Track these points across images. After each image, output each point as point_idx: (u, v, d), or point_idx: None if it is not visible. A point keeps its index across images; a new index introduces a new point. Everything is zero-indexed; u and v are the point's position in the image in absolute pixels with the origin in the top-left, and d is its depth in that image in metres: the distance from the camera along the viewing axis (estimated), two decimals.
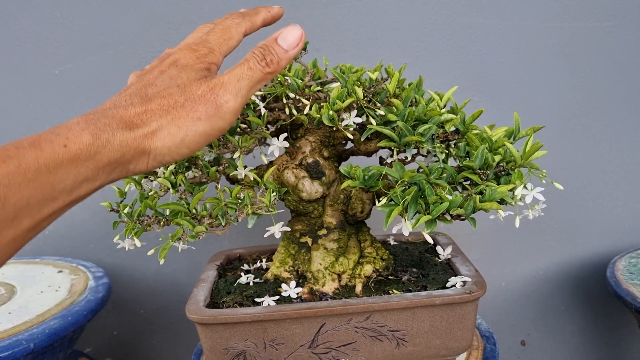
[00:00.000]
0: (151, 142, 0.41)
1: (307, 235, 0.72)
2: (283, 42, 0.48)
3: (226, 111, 0.44)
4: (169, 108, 0.42)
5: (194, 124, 0.42)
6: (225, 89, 0.44)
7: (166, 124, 0.41)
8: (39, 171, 0.34)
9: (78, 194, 0.37)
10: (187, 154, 0.43)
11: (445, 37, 1.04)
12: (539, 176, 0.64)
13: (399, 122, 0.61)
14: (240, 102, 0.45)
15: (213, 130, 0.44)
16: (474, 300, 0.65)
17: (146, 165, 0.42)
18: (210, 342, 0.65)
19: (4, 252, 0.34)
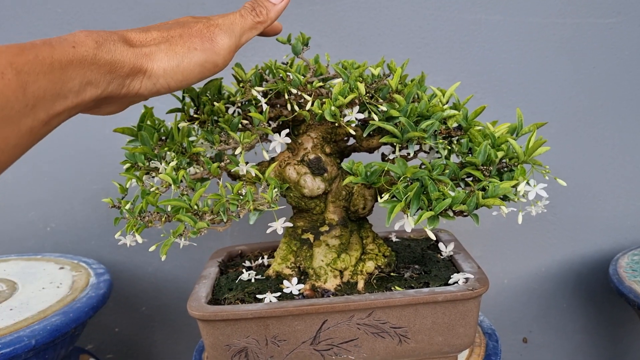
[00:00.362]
0: (148, 62, 0.44)
1: (309, 232, 0.72)
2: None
3: (221, 47, 0.48)
4: (167, 37, 0.46)
5: (189, 52, 0.46)
6: (220, 29, 0.49)
7: (163, 49, 0.45)
8: (53, 65, 0.37)
9: (83, 98, 0.40)
10: (181, 82, 0.47)
11: (448, 34, 1.04)
12: (542, 172, 0.63)
13: (401, 118, 0.61)
14: (233, 42, 0.49)
15: (207, 63, 0.48)
16: (476, 297, 0.65)
17: (140, 84, 0.45)
18: (211, 338, 0.64)
19: (22, 142, 0.36)
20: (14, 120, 0.35)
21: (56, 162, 1.06)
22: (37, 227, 1.09)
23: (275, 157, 0.72)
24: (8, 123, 0.34)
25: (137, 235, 0.62)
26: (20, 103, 0.35)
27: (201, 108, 0.68)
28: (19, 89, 0.35)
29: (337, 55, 1.01)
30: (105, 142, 1.04)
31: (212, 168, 0.62)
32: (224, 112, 0.66)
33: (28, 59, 0.36)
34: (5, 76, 0.34)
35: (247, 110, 0.67)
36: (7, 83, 0.34)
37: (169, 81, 0.46)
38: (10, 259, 1.03)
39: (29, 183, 1.07)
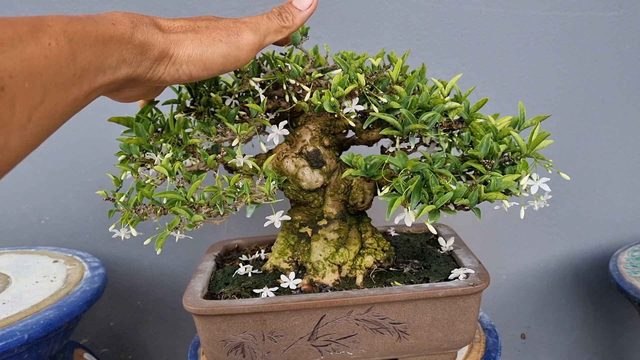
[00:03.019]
0: (175, 48, 0.46)
1: (306, 226, 0.71)
2: (298, 4, 0.56)
3: (245, 42, 0.50)
4: (194, 26, 0.48)
5: (214, 43, 0.48)
6: (247, 26, 0.51)
7: (190, 37, 0.47)
8: (97, 39, 0.38)
9: (118, 75, 0.42)
10: (203, 71, 0.48)
11: (448, 26, 1.03)
12: (545, 166, 0.62)
13: (402, 109, 0.60)
14: (257, 40, 0.51)
15: (230, 56, 0.49)
16: (477, 293, 0.64)
17: (164, 69, 0.46)
18: (207, 333, 0.63)
19: (67, 110, 0.37)
20: (64, 87, 0.36)
21: (50, 154, 1.05)
22: (30, 220, 1.08)
23: (272, 149, 0.70)
24: (60, 89, 0.35)
25: (131, 228, 0.61)
26: (70, 71, 0.36)
27: (197, 99, 0.66)
28: (70, 56, 0.36)
29: (336, 47, 1.00)
30: (100, 134, 1.03)
31: (209, 160, 0.61)
32: (221, 103, 0.64)
33: (77, 30, 0.37)
34: (60, 42, 0.35)
35: (244, 102, 0.66)
36: (60, 50, 0.35)
37: (192, 69, 0.48)
38: (3, 252, 1.01)
39: (23, 175, 1.06)
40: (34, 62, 0.33)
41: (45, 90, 0.34)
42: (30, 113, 0.33)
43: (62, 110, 0.36)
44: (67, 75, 0.36)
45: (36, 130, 0.34)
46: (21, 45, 0.33)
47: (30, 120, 0.33)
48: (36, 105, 0.34)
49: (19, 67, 0.32)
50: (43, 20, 0.35)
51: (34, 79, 0.33)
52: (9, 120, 0.32)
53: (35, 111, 0.34)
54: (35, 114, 0.34)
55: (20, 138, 0.33)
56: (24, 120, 0.33)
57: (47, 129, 0.36)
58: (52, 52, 0.34)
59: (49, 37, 0.34)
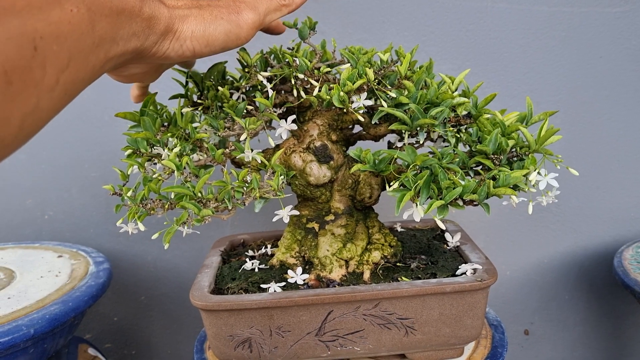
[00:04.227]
0: (179, 23, 0.47)
1: (314, 221, 0.71)
2: None
3: (245, 21, 0.51)
4: (197, 4, 0.49)
5: (216, 20, 0.49)
6: (245, 4, 0.51)
7: (194, 13, 0.48)
8: (111, 10, 0.39)
9: (128, 47, 0.42)
10: (205, 47, 0.49)
11: (453, 21, 1.02)
12: (554, 162, 0.62)
13: (411, 104, 0.60)
14: (257, 19, 0.52)
15: (231, 34, 0.50)
16: (485, 288, 0.63)
17: (169, 44, 0.47)
18: (214, 329, 0.63)
19: (86, 78, 0.38)
20: (85, 54, 0.37)
21: (54, 149, 1.04)
22: (34, 214, 1.07)
23: (280, 144, 0.70)
24: (81, 55, 0.36)
25: (139, 222, 0.61)
26: (90, 38, 0.37)
27: (205, 93, 0.66)
28: (90, 24, 0.36)
29: (341, 43, 0.99)
30: (104, 128, 1.03)
31: (217, 154, 0.61)
32: (229, 97, 0.64)
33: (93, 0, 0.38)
34: (80, 10, 0.36)
35: (251, 96, 0.66)
36: (81, 17, 0.36)
37: (195, 45, 0.48)
38: (7, 247, 1.01)
39: (26, 170, 1.05)
40: (60, 26, 0.34)
41: (70, 54, 0.35)
42: (58, 75, 0.34)
43: (82, 77, 0.37)
44: (87, 42, 0.36)
45: (61, 94, 0.35)
46: (48, 8, 0.33)
47: (58, 82, 0.34)
48: (63, 68, 0.34)
49: (48, 30, 0.33)
50: None
51: (61, 43, 0.34)
52: (40, 80, 0.32)
53: (62, 74, 0.35)
54: (62, 77, 0.35)
55: (50, 100, 0.34)
56: (53, 82, 0.34)
57: (70, 94, 0.37)
58: (75, 18, 0.35)
59: (71, 4, 0.35)
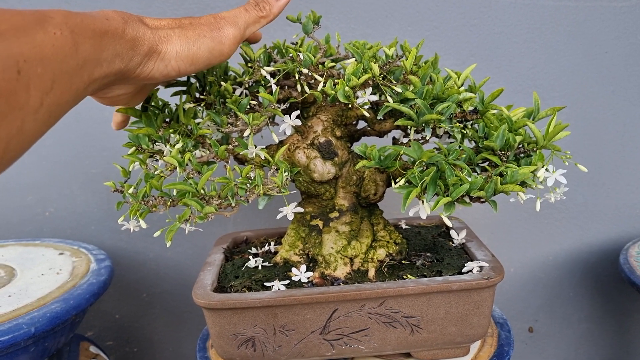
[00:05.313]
0: (163, 44, 0.47)
1: (318, 218, 0.70)
2: None
3: (227, 36, 0.52)
4: (179, 24, 0.50)
5: (199, 38, 0.50)
6: (226, 21, 0.52)
7: (177, 32, 0.49)
8: (94, 32, 0.40)
9: (112, 68, 0.43)
10: (190, 65, 0.50)
11: (457, 16, 1.01)
12: (562, 158, 0.61)
13: (417, 100, 0.59)
14: (238, 33, 0.53)
15: (215, 51, 0.51)
16: (491, 286, 0.63)
17: (153, 64, 0.47)
18: (217, 327, 0.62)
19: (70, 100, 0.38)
20: (69, 76, 0.37)
21: (54, 146, 1.04)
22: (35, 211, 1.07)
23: (283, 140, 0.69)
24: (65, 77, 0.37)
25: (140, 220, 0.60)
26: (74, 60, 0.37)
27: (207, 89, 0.65)
28: (73, 47, 0.37)
29: (345, 37, 0.99)
30: (105, 124, 1.02)
31: (220, 151, 0.60)
32: (232, 92, 0.63)
33: (77, 22, 0.38)
34: (63, 32, 0.36)
35: (254, 92, 0.65)
36: (65, 39, 0.36)
37: (180, 64, 0.49)
38: (8, 244, 1.00)
39: (27, 166, 1.04)
40: (44, 49, 0.34)
41: (54, 76, 0.35)
42: (42, 98, 0.34)
43: (67, 99, 0.37)
44: (71, 64, 0.37)
45: (45, 116, 0.35)
46: (32, 32, 0.34)
47: (42, 104, 0.34)
48: (47, 90, 0.35)
49: (32, 53, 0.33)
50: (45, 12, 0.37)
51: (45, 65, 0.34)
52: (25, 103, 0.33)
53: (46, 97, 0.35)
54: (46, 99, 0.35)
55: (34, 122, 0.34)
56: (37, 104, 0.34)
57: (55, 116, 0.37)
58: (58, 41, 0.36)
59: (54, 27, 0.36)
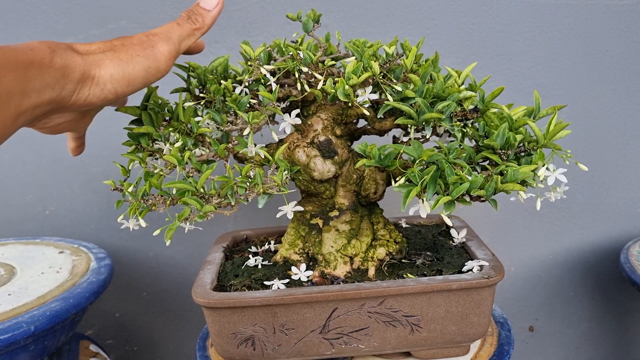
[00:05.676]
0: (96, 69, 0.47)
1: (318, 217, 0.70)
2: (205, 4, 0.56)
3: (161, 53, 0.51)
4: (111, 46, 0.49)
5: (133, 59, 0.49)
6: (158, 37, 0.51)
7: (109, 56, 0.48)
8: (17, 64, 0.40)
9: (43, 98, 0.43)
10: (127, 87, 0.49)
11: (458, 15, 1.01)
12: (563, 157, 0.61)
13: (417, 98, 0.58)
14: (173, 48, 0.52)
15: (150, 69, 0.50)
16: (491, 286, 0.63)
17: (89, 90, 0.47)
18: (217, 326, 0.62)
19: None
20: None
21: (54, 144, 1.03)
22: (35, 210, 1.07)
23: (283, 139, 0.69)
24: None
25: (140, 218, 0.60)
26: None
27: (207, 87, 0.65)
28: None
29: (345, 36, 0.98)
30: (105, 123, 1.01)
31: (219, 149, 0.60)
32: (232, 91, 0.63)
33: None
34: None
35: (254, 90, 0.65)
36: None
37: (116, 87, 0.48)
38: (8, 242, 1.00)
39: (27, 165, 1.04)
40: None
41: None
42: None
43: None
44: None
45: None
46: None
47: None
48: None
49: None
50: None
51: None
52: None
53: None
54: None
55: None
56: None
57: None
58: None
59: None
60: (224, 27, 0.99)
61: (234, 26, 1.00)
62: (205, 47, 0.99)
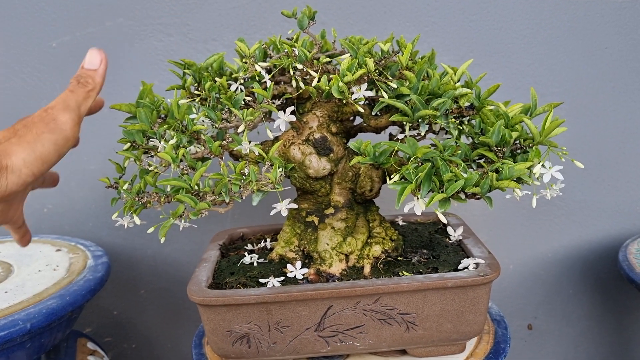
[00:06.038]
0: (4, 158, 0.46)
1: (313, 214, 0.70)
2: (88, 65, 0.55)
3: (63, 123, 0.50)
4: (13, 132, 0.48)
5: (39, 137, 0.48)
6: (57, 109, 0.51)
7: (15, 142, 0.48)
8: None
9: None
10: (42, 165, 0.49)
11: (456, 12, 1.01)
12: (558, 154, 0.61)
13: (412, 95, 0.58)
14: (74, 115, 0.52)
15: (59, 141, 0.50)
16: (487, 283, 0.62)
17: (5, 180, 0.46)
18: (212, 324, 0.62)
19: None
20: None
21: None
22: (33, 208, 1.07)
23: (279, 136, 0.69)
24: None
25: (135, 216, 0.60)
26: None
27: (202, 84, 0.65)
28: None
29: (342, 33, 0.98)
30: (103, 120, 1.01)
31: (214, 147, 0.60)
32: (226, 88, 0.63)
33: None
34: None
35: (249, 87, 0.65)
36: None
37: (32, 169, 0.48)
38: (6, 240, 1.00)
39: None
40: None
41: None
42: None
43: None
44: None
45: None
46: None
47: None
48: None
49: None
50: None
51: None
52: None
53: None
54: None
55: None
56: None
57: None
58: None
59: None
60: (221, 24, 0.99)
61: (231, 23, 0.99)
62: (202, 44, 1.00)
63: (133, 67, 1.00)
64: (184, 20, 0.99)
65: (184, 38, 1.00)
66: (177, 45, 1.00)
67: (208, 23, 0.99)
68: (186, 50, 1.00)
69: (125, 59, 1.00)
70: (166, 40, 1.00)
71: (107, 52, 0.98)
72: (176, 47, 1.00)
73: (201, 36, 1.00)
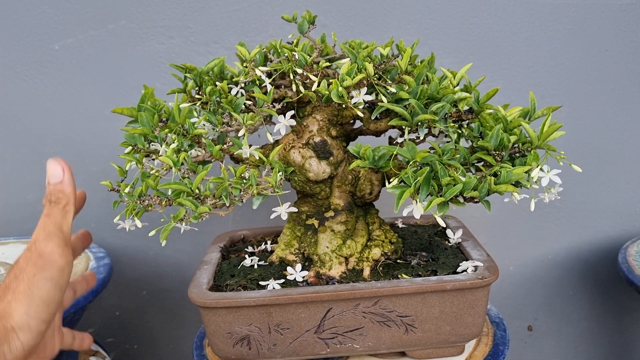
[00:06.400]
0: (10, 321, 0.43)
1: (313, 217, 0.70)
2: (53, 179, 0.53)
3: (50, 254, 0.47)
4: (6, 289, 0.45)
5: (33, 282, 0.45)
6: (40, 241, 0.47)
7: (12, 299, 0.44)
8: None
9: None
10: (48, 307, 0.46)
11: (457, 14, 1.01)
12: (557, 158, 0.61)
13: (411, 99, 0.59)
14: (59, 241, 0.48)
15: (54, 275, 0.46)
16: (485, 286, 0.63)
17: (18, 340, 0.43)
18: (213, 326, 0.63)
19: None
20: None
21: (55, 144, 1.04)
22: (35, 209, 1.07)
23: (279, 139, 0.69)
24: None
25: (136, 219, 0.60)
26: None
27: (203, 88, 0.65)
28: None
29: (343, 36, 0.98)
30: (105, 123, 1.02)
31: (215, 150, 0.60)
32: (227, 92, 0.63)
33: None
34: None
35: (250, 91, 0.65)
36: None
37: (40, 317, 0.45)
38: (9, 241, 1.01)
39: (27, 164, 1.05)
40: None
41: None
42: None
43: None
44: None
45: None
46: None
47: None
48: None
49: None
50: None
51: None
52: None
53: None
54: None
55: None
56: None
57: None
58: None
59: None
60: (223, 27, 1.00)
61: (232, 26, 1.00)
62: (204, 47, 1.00)
63: (135, 70, 1.01)
64: (185, 23, 1.00)
65: (186, 41, 1.00)
66: (179, 48, 1.01)
67: (209, 26, 1.00)
68: (188, 53, 1.01)
69: (127, 61, 1.01)
70: (168, 42, 1.00)
71: (110, 54, 1.00)
72: (178, 50, 1.01)
73: (203, 39, 1.00)
